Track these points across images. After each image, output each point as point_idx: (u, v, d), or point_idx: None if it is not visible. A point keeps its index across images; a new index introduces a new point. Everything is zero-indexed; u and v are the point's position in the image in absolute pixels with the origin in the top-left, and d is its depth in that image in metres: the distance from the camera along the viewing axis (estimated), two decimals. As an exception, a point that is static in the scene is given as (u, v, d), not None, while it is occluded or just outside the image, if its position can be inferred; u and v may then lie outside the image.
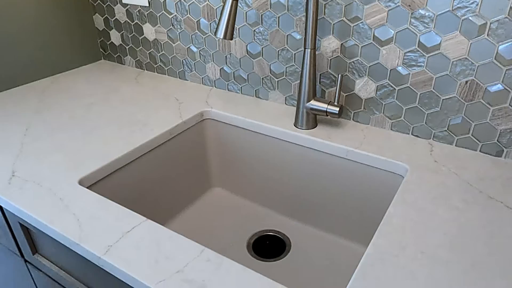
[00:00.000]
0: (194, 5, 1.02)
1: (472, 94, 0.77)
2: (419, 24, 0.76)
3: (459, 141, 0.82)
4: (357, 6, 0.80)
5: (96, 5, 1.22)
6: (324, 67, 0.90)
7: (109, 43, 1.27)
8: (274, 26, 0.93)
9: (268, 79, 1.01)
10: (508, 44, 0.70)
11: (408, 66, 0.81)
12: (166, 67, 1.18)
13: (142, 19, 1.14)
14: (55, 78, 1.18)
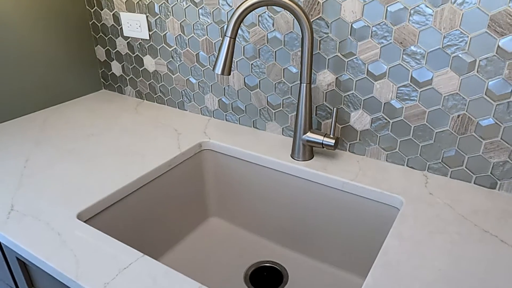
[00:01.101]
0: (193, 39, 1.05)
1: (464, 127, 0.78)
2: (411, 60, 0.78)
3: (453, 173, 0.83)
4: (350, 43, 0.83)
5: (98, 37, 1.26)
6: (320, 99, 0.92)
7: (110, 73, 1.30)
8: (271, 60, 0.95)
9: (265, 111, 1.02)
10: (497, 80, 0.72)
11: (402, 100, 0.83)
12: (166, 98, 1.21)
13: (143, 51, 1.17)
14: (56, 109, 1.20)
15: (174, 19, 1.05)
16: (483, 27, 0.70)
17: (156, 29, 1.10)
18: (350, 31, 0.82)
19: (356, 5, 0.79)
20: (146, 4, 1.08)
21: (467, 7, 0.69)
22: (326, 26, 0.84)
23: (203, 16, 1.00)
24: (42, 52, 1.15)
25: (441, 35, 0.74)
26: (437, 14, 0.73)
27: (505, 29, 0.68)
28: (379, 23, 0.78)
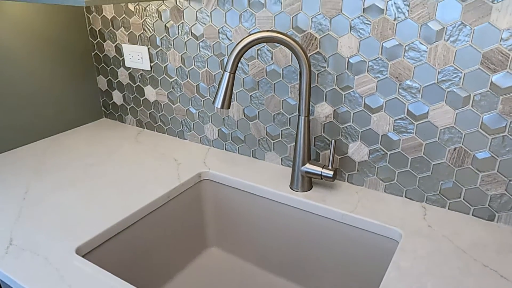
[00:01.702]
0: (194, 70, 1.07)
1: (461, 160, 0.79)
2: (407, 94, 0.80)
3: (451, 204, 0.84)
4: (348, 76, 0.85)
5: (100, 67, 1.28)
6: (318, 131, 0.94)
7: (111, 102, 1.32)
8: (270, 92, 0.97)
9: (264, 141, 1.04)
10: (492, 115, 0.73)
11: (399, 132, 0.84)
12: (166, 127, 1.22)
13: (144, 82, 1.19)
14: (56, 138, 1.21)
15: (175, 51, 1.08)
16: (476, 63, 0.71)
17: (158, 60, 1.13)
18: (347, 65, 0.84)
19: (353, 41, 0.81)
20: (148, 37, 1.11)
21: (460, 44, 0.72)
22: (324, 61, 0.86)
23: (204, 49, 1.02)
24: (44, 82, 1.17)
25: (436, 71, 0.75)
26: (431, 50, 0.75)
27: (498, 66, 0.70)
28: (375, 58, 0.80)
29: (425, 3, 0.72)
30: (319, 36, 0.85)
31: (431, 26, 0.73)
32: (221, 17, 0.96)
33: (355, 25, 0.80)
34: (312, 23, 0.84)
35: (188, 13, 1.01)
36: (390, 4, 0.75)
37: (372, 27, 0.78)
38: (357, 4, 0.78)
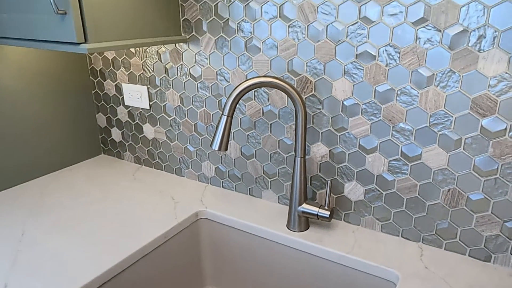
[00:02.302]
0: (192, 110, 1.09)
1: (455, 201, 0.80)
2: (400, 136, 0.82)
3: (447, 245, 0.84)
4: (342, 118, 0.87)
5: (100, 105, 1.30)
6: (315, 170, 0.95)
7: (110, 139, 1.33)
8: (267, 132, 0.99)
9: (261, 179, 1.05)
10: (483, 158, 0.75)
11: (393, 173, 0.85)
12: (164, 164, 1.23)
13: (143, 120, 1.21)
14: (55, 175, 1.22)
15: (174, 91, 1.10)
16: (466, 108, 0.74)
17: (157, 99, 1.15)
18: (341, 107, 0.86)
19: (346, 84, 0.84)
20: (147, 77, 1.14)
21: (450, 90, 0.74)
22: (319, 103, 0.89)
23: (202, 89, 1.05)
24: (43, 120, 1.18)
25: (427, 114, 0.78)
26: (422, 95, 0.77)
27: (487, 111, 0.72)
28: (369, 101, 0.83)
29: (415, 51, 0.75)
30: (314, 80, 0.88)
31: (422, 72, 0.76)
32: (219, 60, 0.99)
33: (349, 70, 0.83)
34: (307, 67, 0.87)
35: (187, 55, 1.04)
36: (382, 51, 0.78)
37: (365, 72, 0.81)
38: (350, 50, 0.81)
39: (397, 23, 0.75)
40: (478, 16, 0.68)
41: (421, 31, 0.74)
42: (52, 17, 0.78)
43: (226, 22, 0.94)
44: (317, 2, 0.82)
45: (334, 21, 0.81)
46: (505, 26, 0.67)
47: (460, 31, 0.70)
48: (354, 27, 0.79)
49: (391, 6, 0.75)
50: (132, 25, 0.86)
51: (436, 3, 0.71)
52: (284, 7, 0.86)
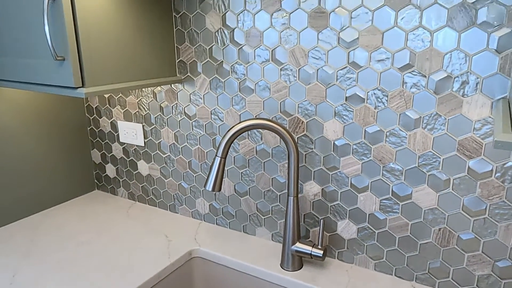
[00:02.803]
0: (186, 147, 1.11)
1: (446, 240, 0.81)
2: (391, 176, 0.84)
3: (440, 284, 0.84)
4: (334, 158, 0.89)
5: (95, 141, 1.32)
6: (308, 208, 0.96)
7: (104, 175, 1.34)
8: (260, 170, 1.00)
9: (255, 216, 1.05)
10: (471, 198, 0.77)
11: (385, 211, 0.86)
12: (158, 200, 1.23)
13: (137, 156, 1.23)
14: (48, 212, 1.21)
15: (169, 129, 1.12)
16: (453, 150, 0.76)
17: (151, 137, 1.17)
18: (332, 147, 0.88)
19: (337, 125, 0.86)
20: (142, 115, 1.16)
21: (437, 133, 0.77)
22: (311, 142, 0.91)
23: (196, 128, 1.07)
24: (38, 158, 1.19)
25: (416, 155, 0.80)
26: (410, 137, 0.79)
27: (473, 153, 0.74)
28: (359, 142, 0.85)
29: (402, 94, 0.78)
30: (305, 120, 0.90)
31: (409, 115, 0.78)
32: (213, 100, 1.01)
33: (339, 112, 0.85)
34: (299, 108, 0.90)
35: (182, 95, 1.06)
36: (370, 94, 0.81)
37: (355, 114, 0.84)
38: (340, 93, 0.84)
39: (384, 68, 0.78)
40: (460, 64, 0.72)
41: (407, 76, 0.77)
42: (51, 62, 0.80)
43: (220, 64, 0.97)
44: (308, 47, 0.85)
45: (324, 65, 0.84)
46: (486, 73, 0.70)
47: (444, 77, 0.73)
48: (344, 71, 0.82)
49: (378, 53, 0.78)
50: (129, 68, 0.89)
51: (421, 50, 0.74)
52: (276, 51, 0.89)
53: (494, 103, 0.71)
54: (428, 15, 0.72)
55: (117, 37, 0.85)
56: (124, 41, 0.86)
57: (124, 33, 0.86)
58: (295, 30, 0.85)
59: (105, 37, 0.82)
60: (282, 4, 0.85)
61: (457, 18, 0.70)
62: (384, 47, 0.77)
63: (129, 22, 0.87)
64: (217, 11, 0.94)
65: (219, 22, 0.94)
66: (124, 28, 0.86)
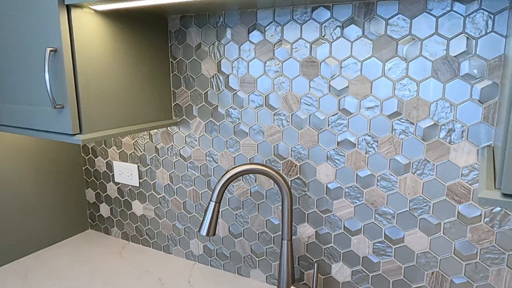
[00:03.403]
0: (181, 188, 1.12)
1: (439, 284, 0.82)
2: (383, 219, 0.85)
3: (436, 328, 0.84)
4: (327, 201, 0.90)
5: (90, 181, 1.32)
6: (302, 250, 0.96)
7: (98, 214, 1.34)
8: (254, 212, 1.01)
9: (249, 258, 1.05)
10: (462, 242, 0.78)
11: (378, 255, 0.87)
12: (151, 240, 1.23)
13: (132, 196, 1.23)
14: (41, 254, 1.20)
15: (164, 170, 1.13)
16: (443, 195, 0.78)
17: (146, 177, 1.18)
18: (325, 190, 0.90)
19: (330, 169, 0.88)
20: (138, 156, 1.17)
21: (426, 178, 0.79)
22: (304, 185, 0.92)
23: (191, 169, 1.08)
24: (31, 198, 1.19)
25: (407, 199, 0.82)
26: (401, 181, 0.81)
27: (462, 198, 0.76)
28: (351, 185, 0.87)
29: (391, 140, 0.81)
30: (299, 164, 0.92)
31: (399, 160, 0.81)
32: (208, 142, 1.03)
33: (331, 156, 0.88)
34: (292, 152, 0.92)
35: (178, 137, 1.08)
36: (361, 140, 0.84)
37: (346, 158, 0.86)
38: (331, 138, 0.87)
39: (373, 115, 0.81)
40: (446, 112, 0.75)
41: (396, 123, 0.79)
42: (49, 109, 0.82)
43: (215, 108, 1.00)
44: (300, 94, 0.88)
45: (316, 111, 0.87)
46: (471, 122, 0.73)
47: (431, 125, 0.76)
48: (335, 117, 0.85)
49: (368, 100, 0.81)
50: (126, 113, 0.91)
51: (408, 99, 0.77)
52: (269, 97, 0.92)
53: (480, 150, 0.73)
54: (413, 66, 0.76)
55: (116, 83, 0.87)
56: (122, 87, 0.89)
57: (123, 80, 0.89)
58: (288, 78, 0.89)
59: (103, 85, 0.84)
60: (275, 53, 0.89)
61: (441, 69, 0.74)
62: (373, 95, 0.81)
63: (128, 69, 0.90)
64: (213, 58, 0.97)
65: (215, 69, 0.98)
66: (122, 74, 0.89)
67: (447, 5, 0.71)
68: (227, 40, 0.94)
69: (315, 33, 0.84)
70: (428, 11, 0.73)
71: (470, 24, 0.70)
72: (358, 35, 0.80)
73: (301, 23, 0.85)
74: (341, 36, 0.81)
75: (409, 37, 0.75)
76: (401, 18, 0.75)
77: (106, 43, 0.84)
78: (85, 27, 0.80)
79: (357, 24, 0.79)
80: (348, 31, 0.81)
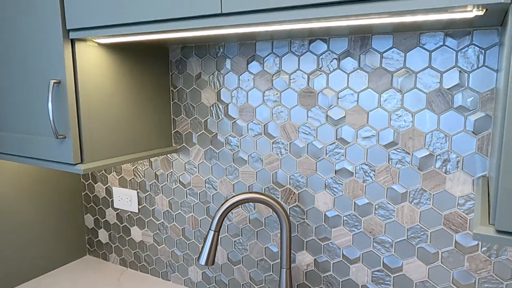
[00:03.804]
0: (180, 215, 1.12)
1: (439, 314, 0.82)
2: (381, 248, 0.85)
3: None
4: (325, 229, 0.91)
5: (89, 206, 1.32)
6: (301, 278, 0.96)
7: (96, 240, 1.33)
8: (253, 239, 1.01)
9: (248, 286, 1.04)
10: (460, 271, 0.78)
11: (377, 283, 0.87)
12: (150, 267, 1.22)
13: (131, 222, 1.23)
14: (38, 281, 1.19)
15: (163, 196, 1.14)
16: (440, 224, 0.79)
17: (146, 204, 1.18)
18: (324, 218, 0.91)
19: (328, 197, 0.89)
20: (137, 182, 1.18)
21: (423, 207, 0.80)
22: (302, 213, 0.93)
23: (190, 196, 1.09)
24: (31, 225, 1.19)
25: (405, 228, 0.82)
26: (398, 210, 0.82)
27: (458, 227, 0.77)
28: (349, 214, 0.88)
29: (388, 170, 0.82)
30: (297, 191, 0.93)
31: (396, 189, 0.82)
32: (207, 169, 1.04)
33: (329, 184, 0.89)
34: (291, 180, 0.93)
35: (177, 164, 1.09)
36: (358, 169, 0.85)
37: (344, 186, 0.87)
38: (329, 167, 0.88)
39: (370, 145, 0.83)
40: (441, 143, 0.76)
41: (392, 152, 0.81)
42: (51, 139, 0.83)
43: (215, 136, 1.02)
44: (298, 123, 0.90)
45: (314, 140, 0.89)
46: (466, 152, 0.75)
47: (426, 155, 0.78)
48: (332, 146, 0.87)
49: (364, 130, 0.83)
50: (127, 141, 0.92)
51: (404, 129, 0.79)
52: (268, 126, 0.94)
53: (475, 180, 0.75)
54: (408, 98, 0.78)
55: (117, 113, 0.89)
56: (123, 116, 0.91)
57: (124, 109, 0.91)
58: (286, 107, 0.91)
59: (105, 114, 0.86)
60: (273, 83, 0.91)
61: (436, 101, 0.76)
62: (369, 125, 0.82)
63: (129, 98, 0.92)
64: (212, 87, 0.99)
65: (214, 98, 1.00)
66: (124, 104, 0.91)
67: (440, 40, 0.74)
68: (226, 70, 0.97)
69: (312, 64, 0.86)
70: (421, 46, 0.76)
71: (462, 58, 0.73)
72: (354, 67, 0.82)
73: (299, 55, 0.87)
74: (338, 68, 0.84)
75: (404, 70, 0.78)
76: (395, 51, 0.78)
77: (108, 74, 0.86)
78: (88, 59, 0.82)
79: (353, 56, 0.82)
80: (345, 63, 0.83)
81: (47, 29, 0.79)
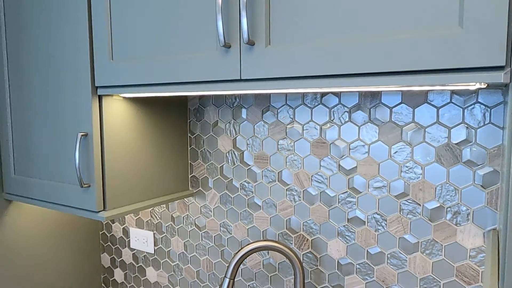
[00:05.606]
0: (195, 257, 1.14)
1: None
2: (394, 297, 0.86)
3: None
4: (338, 276, 0.92)
5: (106, 246, 1.36)
6: (314, 325, 0.97)
7: (112, 279, 1.35)
8: (267, 284, 1.03)
9: (261, 331, 1.05)
10: (475, 324, 0.78)
11: (391, 333, 0.87)
12: (164, 308, 1.23)
13: (147, 263, 1.26)
14: (54, 321, 1.21)
15: (179, 238, 1.17)
16: (452, 275, 0.80)
17: (161, 245, 1.21)
18: (337, 266, 0.92)
19: (340, 245, 0.91)
20: (154, 224, 1.22)
21: (435, 258, 0.81)
22: (316, 259, 0.95)
23: (205, 238, 1.12)
24: (49, 264, 1.22)
25: (417, 278, 0.83)
26: (410, 260, 0.84)
27: (471, 279, 0.78)
28: (362, 262, 0.89)
29: (399, 220, 0.84)
30: (310, 238, 0.95)
31: (408, 239, 0.83)
32: (222, 214, 1.07)
33: (342, 232, 0.91)
34: (304, 226, 0.95)
35: (193, 207, 1.13)
36: (370, 218, 0.87)
37: (357, 235, 0.89)
38: (342, 215, 0.90)
39: (381, 195, 0.85)
40: (451, 195, 0.78)
41: (403, 203, 0.83)
42: (76, 187, 0.88)
43: (230, 181, 1.05)
44: (311, 172, 0.93)
45: (327, 189, 0.91)
46: (475, 205, 0.76)
47: (437, 206, 0.80)
48: (344, 195, 0.89)
49: (375, 181, 0.86)
50: (147, 187, 0.96)
51: (414, 181, 0.82)
52: (282, 173, 0.97)
53: (486, 233, 0.76)
54: (418, 151, 0.81)
55: (138, 161, 0.94)
56: (143, 163, 0.95)
57: (144, 156, 0.95)
58: (299, 156, 0.94)
59: (127, 163, 0.91)
60: (287, 133, 0.95)
61: (444, 155, 0.78)
62: (380, 176, 0.85)
63: (149, 146, 0.97)
64: (229, 135, 1.04)
65: (230, 145, 1.04)
66: (144, 151, 0.95)
67: (447, 97, 0.78)
68: (242, 119, 1.01)
69: (324, 116, 0.90)
70: (429, 102, 0.79)
71: (469, 115, 0.76)
72: (365, 120, 0.86)
73: (311, 107, 0.92)
74: (349, 121, 0.88)
75: (413, 124, 0.81)
76: (404, 107, 0.82)
77: (130, 124, 0.91)
78: (113, 112, 0.87)
79: (364, 110, 0.86)
80: (356, 116, 0.87)
81: (78, 86, 0.85)
